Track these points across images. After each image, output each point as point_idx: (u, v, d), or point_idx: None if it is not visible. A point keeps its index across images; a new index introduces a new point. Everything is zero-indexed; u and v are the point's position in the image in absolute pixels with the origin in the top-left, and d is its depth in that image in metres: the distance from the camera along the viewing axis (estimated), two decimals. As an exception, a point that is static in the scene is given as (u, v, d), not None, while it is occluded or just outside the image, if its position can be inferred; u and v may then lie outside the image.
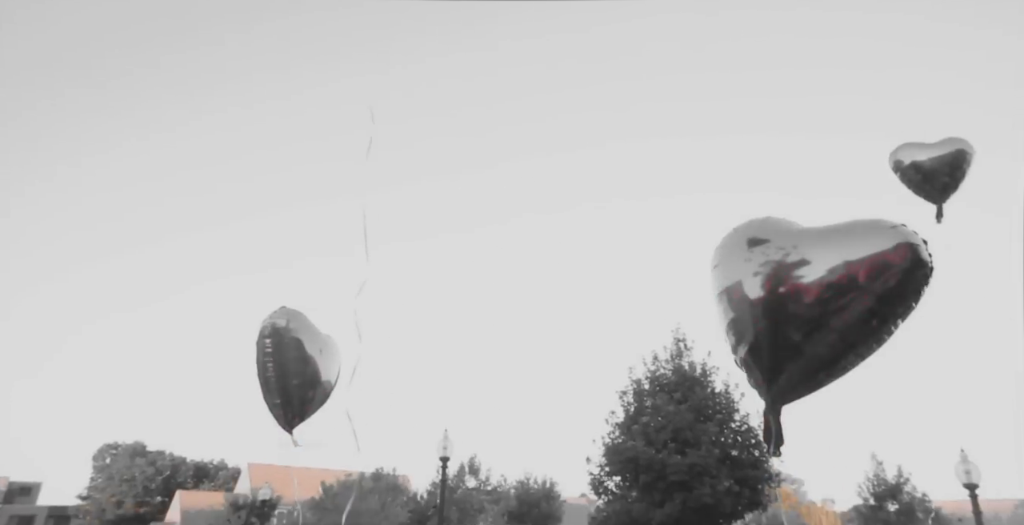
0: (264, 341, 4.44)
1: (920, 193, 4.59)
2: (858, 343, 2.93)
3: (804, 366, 2.97)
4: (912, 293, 2.91)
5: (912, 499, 25.27)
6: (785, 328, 2.88)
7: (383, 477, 34.29)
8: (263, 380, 4.45)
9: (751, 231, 3.13)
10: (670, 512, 18.88)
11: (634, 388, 21.99)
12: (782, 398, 3.12)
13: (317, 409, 4.69)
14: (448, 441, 18.18)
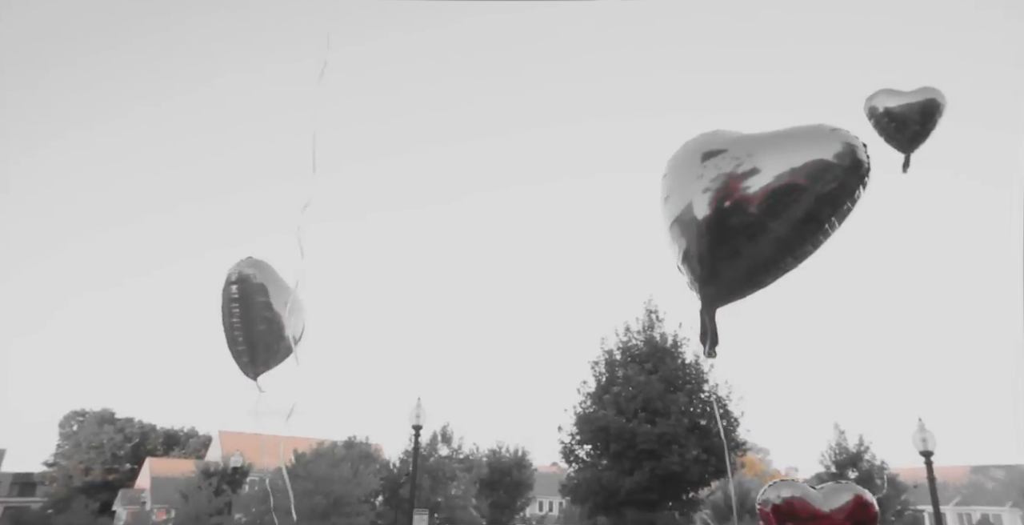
0: (230, 287, 4.35)
1: (891, 142, 4.59)
2: (795, 246, 3.01)
3: (741, 269, 3.06)
4: (849, 194, 2.99)
5: (871, 466, 26.11)
6: (725, 232, 2.96)
7: (355, 445, 34.42)
8: (228, 326, 4.36)
9: (704, 144, 3.18)
10: (639, 480, 19.26)
11: (606, 358, 22.22)
12: (718, 300, 3.19)
13: (281, 361, 4.63)
14: (421, 409, 18.21)
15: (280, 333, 4.44)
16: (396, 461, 33.13)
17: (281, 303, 4.48)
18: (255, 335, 4.32)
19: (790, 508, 4.98)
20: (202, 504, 28.39)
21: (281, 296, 4.52)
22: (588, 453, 21.50)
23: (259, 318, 4.33)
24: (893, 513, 25.58)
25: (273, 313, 4.41)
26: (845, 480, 5.57)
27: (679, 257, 3.22)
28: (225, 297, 4.39)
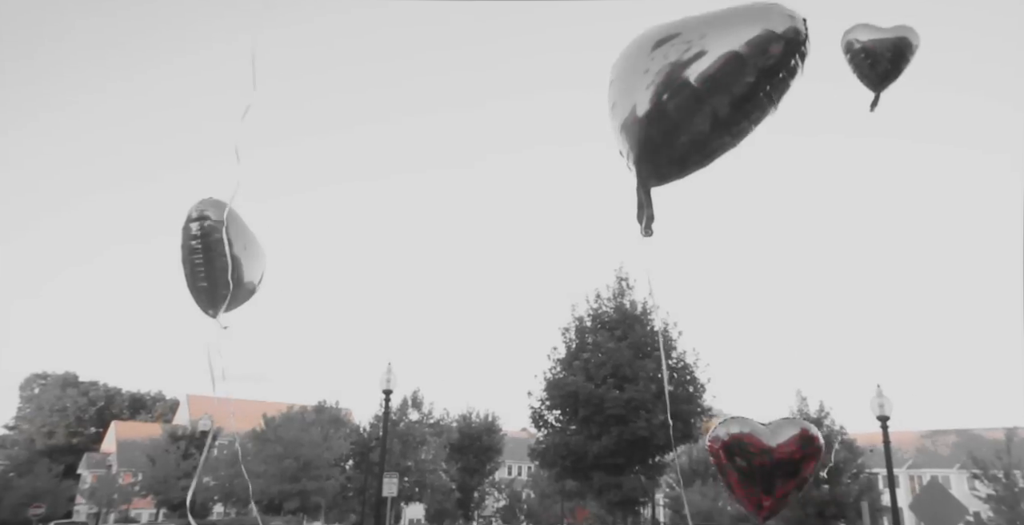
0: (190, 225, 4.24)
1: (864, 80, 4.53)
2: (733, 123, 3.02)
3: (678, 146, 3.09)
4: (786, 64, 3.02)
5: (830, 431, 26.94)
6: (664, 109, 2.98)
7: (325, 410, 34.45)
8: (187, 263, 4.25)
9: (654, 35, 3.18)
10: (607, 444, 19.57)
11: (576, 325, 22.34)
12: (654, 177, 3.21)
13: (242, 303, 4.53)
14: (391, 374, 18.17)
15: (240, 273, 4.33)
16: (366, 426, 33.28)
17: (241, 245, 4.36)
18: (216, 273, 4.21)
19: (738, 443, 5.00)
20: (170, 467, 28.30)
21: (242, 237, 4.41)
22: (557, 418, 21.75)
23: (220, 256, 4.22)
24: (849, 476, 26.48)
25: (233, 252, 4.29)
26: (796, 418, 5.61)
27: (617, 133, 3.23)
28: (185, 235, 4.28)
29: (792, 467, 4.83)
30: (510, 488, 44.74)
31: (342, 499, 29.67)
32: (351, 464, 31.10)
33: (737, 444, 4.88)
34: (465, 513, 39.09)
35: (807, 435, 4.92)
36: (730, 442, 4.93)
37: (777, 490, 4.82)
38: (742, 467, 4.86)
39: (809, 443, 4.88)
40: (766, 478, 4.79)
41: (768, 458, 4.73)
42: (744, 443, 4.85)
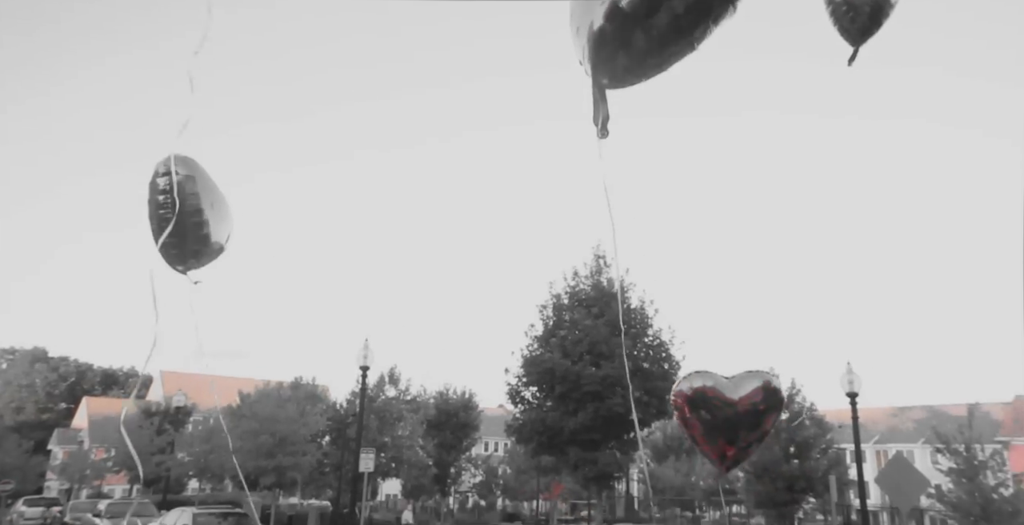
0: (157, 180, 4.09)
1: (844, 34, 4.47)
2: (692, 22, 2.96)
3: (635, 47, 3.02)
4: None
5: (801, 408, 27.50)
6: (621, 12, 2.92)
7: (301, 386, 34.34)
8: (155, 220, 4.12)
9: None
10: (582, 420, 19.76)
11: (554, 302, 22.40)
12: (609, 77, 3.18)
13: (212, 260, 4.41)
14: (368, 350, 18.14)
15: (208, 230, 4.21)
16: (343, 402, 33.26)
17: (208, 202, 4.23)
18: (186, 227, 4.10)
19: (700, 396, 5.03)
20: (144, 443, 28.07)
21: (209, 194, 4.27)
22: (534, 395, 21.89)
23: (188, 212, 4.10)
24: (818, 451, 27.08)
25: (202, 208, 4.17)
26: (758, 370, 5.43)
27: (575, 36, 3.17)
28: (152, 190, 4.13)
29: (754, 419, 4.84)
30: (487, 464, 45.18)
31: (318, 475, 29.74)
32: (328, 440, 31.12)
33: (700, 397, 4.88)
34: (442, 488, 39.43)
35: (769, 388, 4.92)
36: (693, 395, 4.93)
37: (741, 440, 4.84)
38: (706, 419, 4.87)
39: (771, 395, 4.88)
40: (730, 429, 4.81)
41: (731, 410, 4.74)
42: (707, 396, 4.85)
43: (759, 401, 4.83)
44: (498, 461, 46.48)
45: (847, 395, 16.81)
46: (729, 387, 4.86)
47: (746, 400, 4.78)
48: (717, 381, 4.91)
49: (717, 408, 4.85)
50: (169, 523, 15.79)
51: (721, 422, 4.87)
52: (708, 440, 4.99)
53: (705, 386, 4.81)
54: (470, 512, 43.67)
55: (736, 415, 4.84)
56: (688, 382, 4.94)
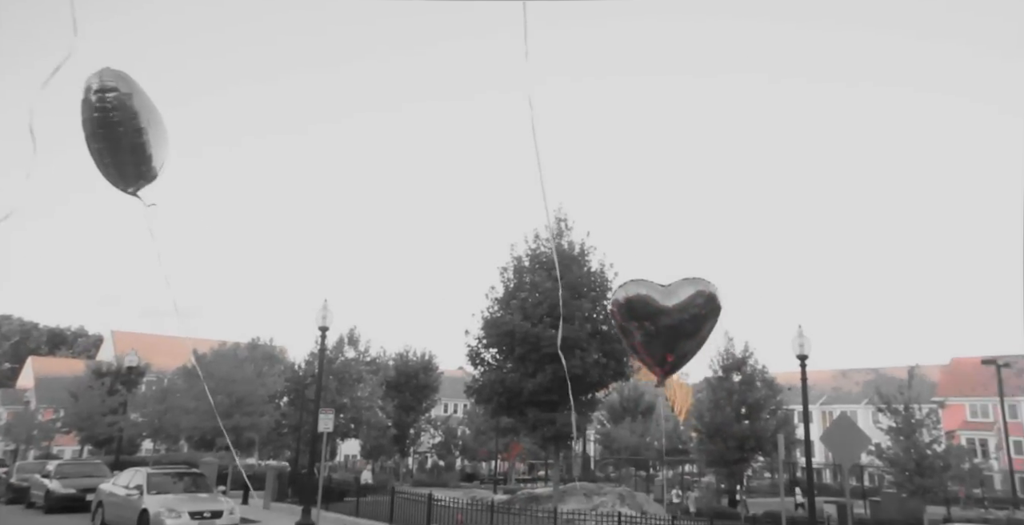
0: (91, 98, 3.74)
1: None
2: None
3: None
4: None
5: (753, 370, 28.33)
6: None
7: (259, 346, 33.96)
8: (94, 140, 3.81)
9: None
10: (541, 381, 19.97)
11: (515, 265, 22.40)
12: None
13: (153, 179, 4.16)
14: (327, 311, 17.90)
15: (149, 150, 3.93)
16: (302, 363, 33.04)
17: (147, 120, 3.95)
18: (123, 148, 3.80)
19: (635, 304, 4.84)
20: (94, 404, 27.52)
21: (148, 112, 3.98)
22: (494, 356, 22.01)
23: (131, 131, 3.80)
24: (768, 412, 28.02)
25: (144, 127, 3.87)
26: (695, 277, 5.37)
27: None
28: (87, 109, 3.78)
29: (690, 326, 4.63)
30: (446, 425, 45.65)
31: (276, 435, 29.67)
32: (286, 401, 30.98)
33: (635, 305, 4.67)
34: (401, 449, 39.79)
35: (705, 294, 4.70)
36: (627, 303, 4.72)
37: (678, 348, 4.69)
38: (641, 327, 4.68)
39: (707, 302, 4.66)
40: (665, 336, 4.64)
41: (666, 317, 4.55)
42: (642, 303, 4.65)
43: (695, 307, 4.63)
44: (457, 422, 47.00)
45: (797, 357, 17.23)
46: (664, 294, 4.65)
47: (681, 307, 4.58)
48: (651, 288, 4.69)
49: (651, 315, 4.66)
50: (123, 483, 15.53)
51: (656, 329, 4.68)
52: (647, 348, 4.83)
53: (640, 294, 4.60)
54: (429, 472, 44.25)
55: (671, 322, 4.65)
56: (624, 290, 4.74)
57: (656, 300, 4.55)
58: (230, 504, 15.28)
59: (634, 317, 4.64)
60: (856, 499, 23.33)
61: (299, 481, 20.43)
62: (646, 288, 4.59)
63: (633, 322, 4.75)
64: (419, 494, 18.12)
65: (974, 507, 31.73)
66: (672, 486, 33.54)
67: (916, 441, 24.28)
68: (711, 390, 28.90)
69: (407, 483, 34.72)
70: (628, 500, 20.01)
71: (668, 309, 4.47)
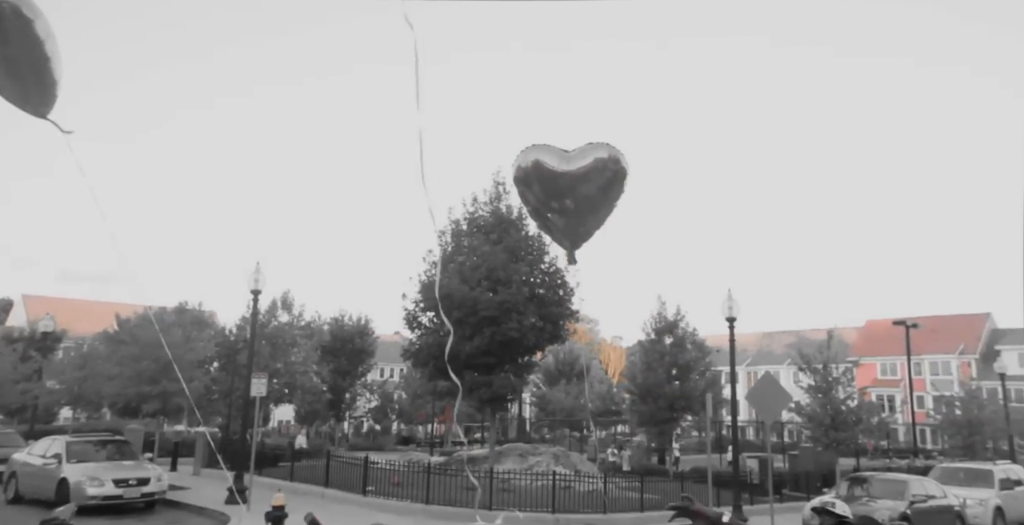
0: None
1: None
2: None
3: None
4: None
5: (684, 333, 29.25)
6: None
7: (187, 311, 32.79)
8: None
9: None
10: (479, 345, 20.02)
11: (452, 228, 22.19)
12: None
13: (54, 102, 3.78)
14: (260, 274, 17.39)
15: (51, 67, 3.53)
16: (233, 328, 32.14)
17: (46, 33, 3.55)
18: (22, 64, 3.41)
19: (533, 170, 4.47)
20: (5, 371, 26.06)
21: (44, 25, 3.56)
22: (431, 320, 21.89)
23: (31, 43, 3.40)
24: (697, 373, 29.07)
25: (44, 39, 3.48)
26: (602, 142, 4.96)
27: None
28: None
29: (595, 193, 4.24)
30: (382, 389, 45.56)
31: (207, 401, 28.89)
32: (216, 366, 30.17)
33: (534, 170, 4.30)
34: (336, 414, 39.54)
35: (609, 158, 4.33)
36: (528, 168, 4.35)
37: (584, 216, 4.33)
38: (542, 194, 4.30)
39: (613, 165, 4.30)
40: (572, 205, 4.28)
41: (567, 182, 4.20)
42: (542, 169, 4.28)
43: (599, 172, 4.28)
44: (394, 386, 46.97)
45: (726, 320, 17.81)
46: (566, 158, 4.31)
47: (584, 172, 4.22)
48: (552, 153, 4.37)
49: (550, 180, 4.31)
50: (39, 452, 14.85)
51: (558, 197, 4.32)
52: (547, 217, 4.49)
53: (540, 159, 4.30)
54: (365, 436, 44.24)
55: (573, 189, 4.30)
56: (524, 155, 4.38)
57: (556, 166, 4.22)
58: (157, 471, 14.88)
59: (534, 185, 4.30)
60: (776, 454, 24.61)
61: (231, 447, 20.03)
62: (547, 152, 4.26)
63: (534, 190, 4.40)
64: (355, 457, 18.07)
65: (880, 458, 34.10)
66: (607, 446, 34.61)
67: (832, 398, 25.74)
68: (644, 353, 29.71)
69: (343, 447, 34.62)
70: (562, 459, 20.50)
71: (569, 175, 4.15)
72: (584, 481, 17.22)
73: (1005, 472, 18.05)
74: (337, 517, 10.83)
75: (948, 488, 16.07)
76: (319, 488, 16.91)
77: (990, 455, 31.18)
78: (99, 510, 13.32)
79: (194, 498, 15.78)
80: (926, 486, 15.43)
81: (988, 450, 35.24)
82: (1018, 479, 18.21)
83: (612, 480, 18.05)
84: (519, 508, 14.93)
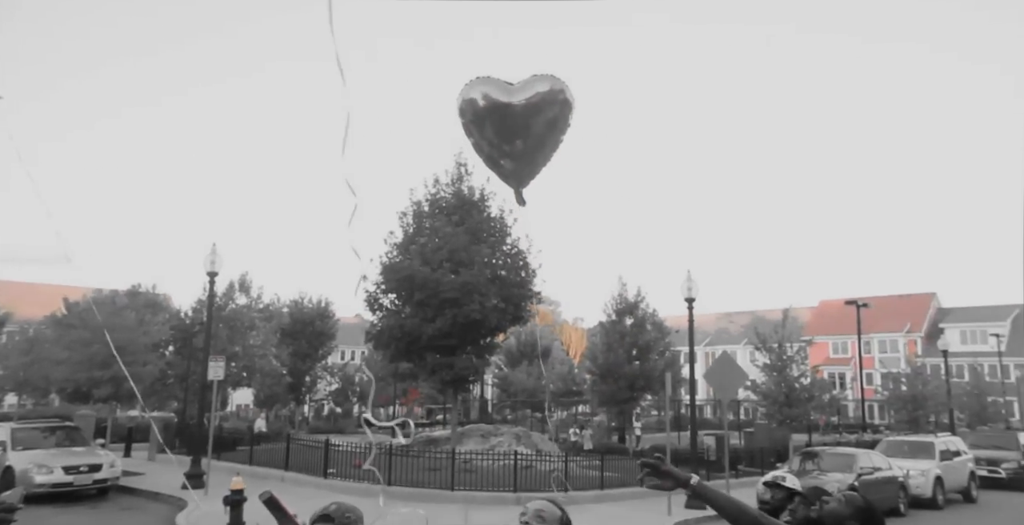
0: None
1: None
2: None
3: None
4: None
5: (645, 314, 29.64)
6: None
7: (140, 294, 31.92)
8: None
9: None
10: (440, 326, 19.97)
11: (414, 210, 21.99)
12: None
13: None
14: (216, 256, 16.97)
15: None
16: (188, 311, 31.42)
17: None
18: None
19: (477, 103, 4.37)
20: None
21: None
22: (392, 302, 21.75)
23: None
24: (657, 353, 29.53)
25: None
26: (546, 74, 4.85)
27: None
28: None
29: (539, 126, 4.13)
30: (343, 372, 45.26)
31: (162, 386, 28.31)
32: (172, 350, 29.51)
33: (477, 103, 4.19)
34: (296, 397, 39.17)
35: (553, 90, 4.20)
36: (471, 100, 4.24)
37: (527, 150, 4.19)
38: (488, 127, 4.18)
39: (555, 96, 4.17)
40: (512, 136, 4.16)
41: (513, 117, 4.10)
42: (486, 101, 4.16)
43: (547, 106, 4.16)
44: (355, 369, 46.68)
45: (686, 300, 18.05)
46: (510, 91, 4.19)
47: (527, 104, 4.10)
48: (498, 85, 4.24)
49: (493, 112, 4.19)
50: (-19, 441, 14.34)
51: (503, 130, 4.20)
52: (492, 148, 4.37)
53: (485, 91, 4.17)
54: (326, 419, 43.96)
55: (522, 124, 4.17)
56: (467, 89, 4.23)
57: (499, 97, 4.08)
58: (110, 457, 14.55)
59: (479, 118, 4.16)
60: (733, 431, 25.26)
61: (187, 431, 19.68)
62: (491, 85, 4.12)
63: (481, 126, 4.25)
64: (316, 440, 17.93)
65: (831, 433, 35.30)
66: (568, 426, 35.05)
67: (786, 376, 26.48)
68: (604, 333, 30.03)
69: (303, 431, 34.34)
70: (524, 440, 20.68)
71: (507, 104, 4.01)
72: (545, 460, 17.42)
73: (945, 444, 18.93)
74: (298, 500, 10.71)
75: (893, 460, 16.78)
76: (279, 471, 16.76)
77: (932, 428, 32.62)
78: (49, 498, 12.98)
79: (149, 484, 15.50)
80: (873, 459, 16.09)
81: (930, 423, 36.85)
82: (957, 450, 19.11)
83: (573, 459, 18.29)
84: (481, 488, 15.05)
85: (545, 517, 2.14)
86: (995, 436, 24.54)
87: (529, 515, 2.15)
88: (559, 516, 2.16)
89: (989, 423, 38.10)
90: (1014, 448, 22.22)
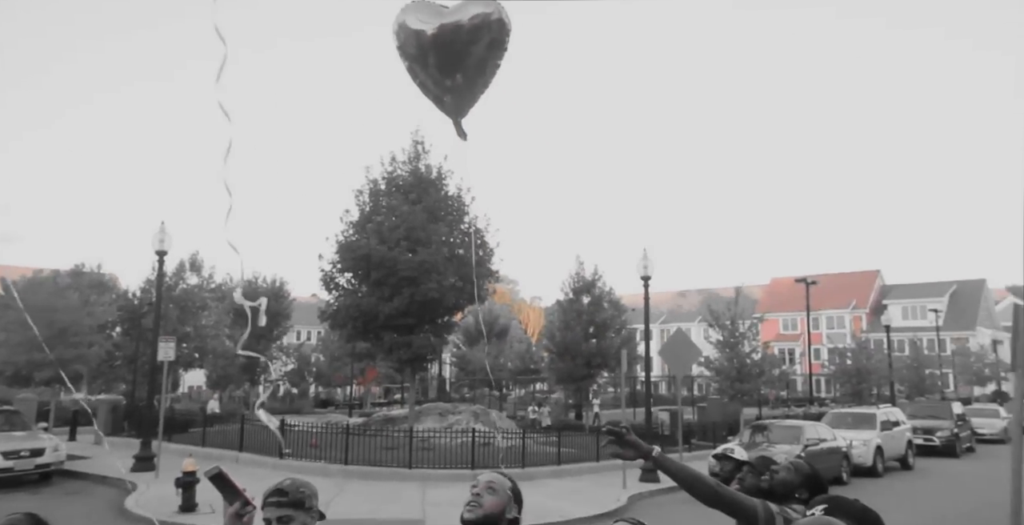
0: None
1: None
2: None
3: None
4: None
5: (601, 292, 29.94)
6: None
7: (84, 274, 30.83)
8: None
9: None
10: (398, 305, 19.81)
11: (370, 188, 21.64)
12: None
13: None
14: (165, 235, 16.46)
15: None
16: (137, 291, 30.49)
17: None
18: None
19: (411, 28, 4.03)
20: None
21: None
22: (349, 281, 21.46)
23: None
24: (613, 331, 29.90)
25: None
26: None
27: None
28: None
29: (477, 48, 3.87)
30: (299, 352, 44.66)
31: (108, 368, 27.52)
32: (119, 331, 28.64)
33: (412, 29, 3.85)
34: (251, 378, 38.56)
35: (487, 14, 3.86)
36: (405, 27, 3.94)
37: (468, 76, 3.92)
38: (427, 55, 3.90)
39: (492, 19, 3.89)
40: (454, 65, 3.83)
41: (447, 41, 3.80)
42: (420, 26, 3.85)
43: (485, 30, 3.88)
44: (311, 349, 46.13)
45: (641, 278, 18.24)
46: (443, 15, 3.92)
47: (469, 28, 3.79)
48: (431, 10, 3.97)
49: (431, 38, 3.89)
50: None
51: (443, 58, 3.92)
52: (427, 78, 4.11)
53: (417, 16, 3.91)
54: (281, 400, 43.42)
55: (456, 46, 3.88)
56: (402, 14, 3.93)
57: (434, 22, 3.85)
58: (53, 441, 14.11)
59: (414, 45, 3.91)
60: (686, 406, 25.84)
61: (136, 414, 19.19)
62: (425, 10, 3.88)
63: (414, 51, 4.00)
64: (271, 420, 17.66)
65: (780, 407, 36.46)
66: (526, 404, 35.36)
67: (738, 352, 27.15)
68: (562, 312, 30.26)
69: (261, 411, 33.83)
70: (482, 417, 20.79)
71: (447, 30, 3.78)
72: (503, 436, 17.56)
73: (886, 415, 19.78)
74: (253, 481, 10.56)
75: (838, 431, 17.46)
76: (233, 452, 16.51)
77: (874, 400, 33.98)
78: (-11, 484, 12.53)
79: (97, 467, 15.08)
80: (819, 430, 16.71)
81: (873, 396, 38.38)
82: (896, 421, 20.00)
83: (530, 436, 18.47)
84: (439, 466, 15.10)
85: (496, 488, 2.16)
86: (931, 406, 25.75)
87: (480, 487, 2.16)
88: (509, 486, 2.17)
89: (927, 394, 39.91)
90: (948, 417, 23.35)
